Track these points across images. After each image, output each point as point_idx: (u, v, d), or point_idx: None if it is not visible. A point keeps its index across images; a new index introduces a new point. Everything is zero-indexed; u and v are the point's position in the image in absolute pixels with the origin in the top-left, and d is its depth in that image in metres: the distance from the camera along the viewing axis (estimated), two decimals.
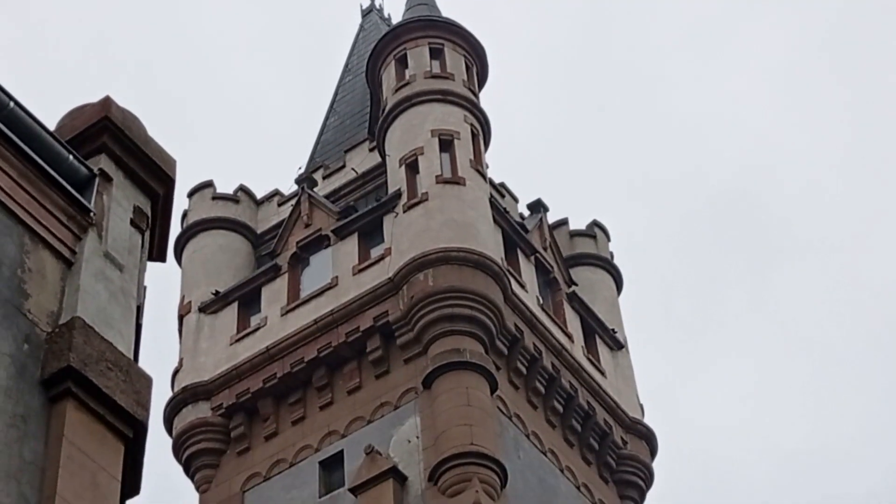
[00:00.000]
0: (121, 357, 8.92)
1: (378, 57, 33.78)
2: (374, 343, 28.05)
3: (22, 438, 8.13)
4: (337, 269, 30.11)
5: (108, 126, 9.89)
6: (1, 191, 8.92)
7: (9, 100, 9.13)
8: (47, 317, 8.83)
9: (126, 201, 9.91)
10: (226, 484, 28.52)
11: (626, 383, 32.44)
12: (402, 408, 26.95)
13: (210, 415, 29.36)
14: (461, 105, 31.99)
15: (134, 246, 9.85)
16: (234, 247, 33.16)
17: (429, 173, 30.17)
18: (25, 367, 8.45)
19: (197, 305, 31.50)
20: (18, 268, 8.81)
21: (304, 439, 27.94)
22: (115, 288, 9.39)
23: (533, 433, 28.25)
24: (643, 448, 31.32)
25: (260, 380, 29.03)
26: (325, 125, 38.73)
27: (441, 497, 24.87)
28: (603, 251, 35.55)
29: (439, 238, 28.53)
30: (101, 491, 8.32)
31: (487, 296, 27.78)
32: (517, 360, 28.60)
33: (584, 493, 29.04)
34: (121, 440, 8.73)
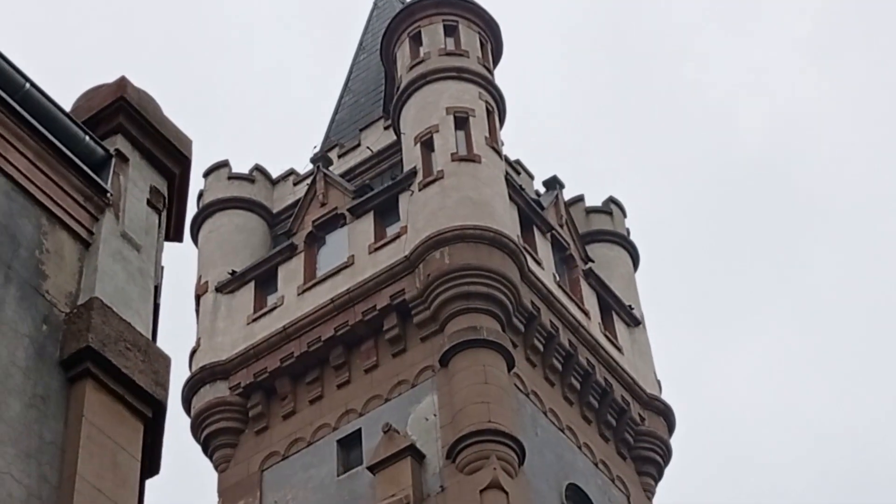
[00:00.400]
0: (139, 337, 8.94)
1: (392, 35, 33.72)
2: (390, 321, 28.07)
3: (41, 419, 8.16)
4: (353, 247, 30.12)
5: (123, 106, 9.90)
6: (18, 172, 8.94)
7: (24, 81, 9.14)
8: (65, 297, 8.85)
9: (142, 181, 9.92)
10: (244, 463, 28.62)
11: (644, 360, 32.42)
12: (420, 386, 26.99)
13: (228, 394, 29.43)
14: (476, 82, 31.93)
15: (151, 226, 9.86)
16: (251, 226, 33.19)
17: (444, 151, 30.14)
18: (44, 348, 8.48)
19: (214, 285, 31.55)
20: (36, 249, 8.84)
21: (321, 418, 28.00)
22: (133, 268, 9.41)
23: (550, 410, 28.26)
24: (661, 424, 31.32)
25: (277, 359, 29.09)
26: (340, 104, 38.70)
27: (459, 475, 24.91)
28: (619, 227, 35.50)
29: (455, 216, 28.52)
30: (120, 471, 8.35)
31: (504, 273, 27.78)
32: (534, 338, 28.60)
33: (601, 469, 29.06)
34: (140, 420, 8.76)
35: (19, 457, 7.86)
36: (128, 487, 8.36)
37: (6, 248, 8.60)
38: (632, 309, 33.19)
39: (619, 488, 29.36)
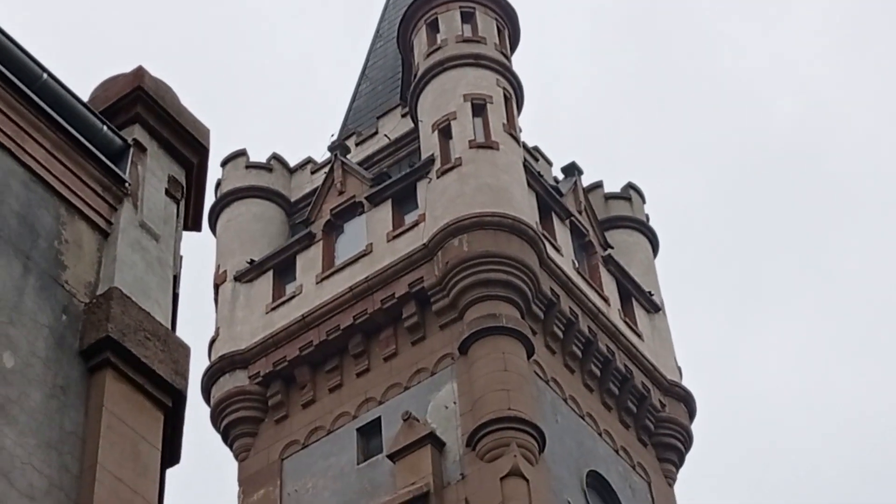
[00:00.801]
0: (158, 327, 8.96)
1: (409, 22, 33.69)
2: (409, 309, 28.09)
3: (62, 409, 8.19)
4: (371, 235, 30.13)
5: (141, 96, 9.91)
6: (36, 163, 8.96)
7: (42, 71, 9.16)
8: (85, 287, 8.87)
9: (160, 171, 9.94)
10: (264, 452, 28.69)
11: (664, 346, 32.38)
12: (439, 374, 27.01)
13: (247, 383, 29.50)
14: (493, 69, 31.89)
15: (169, 216, 9.88)
16: (269, 215, 33.24)
17: (462, 138, 30.12)
18: (64, 338, 8.50)
19: (232, 274, 31.61)
20: (55, 239, 8.86)
21: (341, 406, 28.04)
22: (152, 258, 9.43)
23: (570, 397, 28.26)
24: (681, 410, 31.29)
25: (296, 348, 29.14)
26: (357, 92, 38.68)
27: (479, 462, 24.93)
28: (638, 213, 35.44)
29: (473, 203, 28.51)
30: (141, 460, 8.38)
31: (523, 260, 27.77)
32: (553, 325, 28.59)
33: (622, 456, 29.06)
34: (160, 409, 8.78)
35: (40, 447, 7.89)
36: (148, 477, 8.39)
37: (25, 238, 8.62)
38: (651, 295, 33.15)
39: (640, 475, 29.36)
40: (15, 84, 8.97)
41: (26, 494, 7.65)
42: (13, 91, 8.96)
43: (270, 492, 27.86)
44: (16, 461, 7.70)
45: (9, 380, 7.94)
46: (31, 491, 7.68)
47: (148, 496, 8.30)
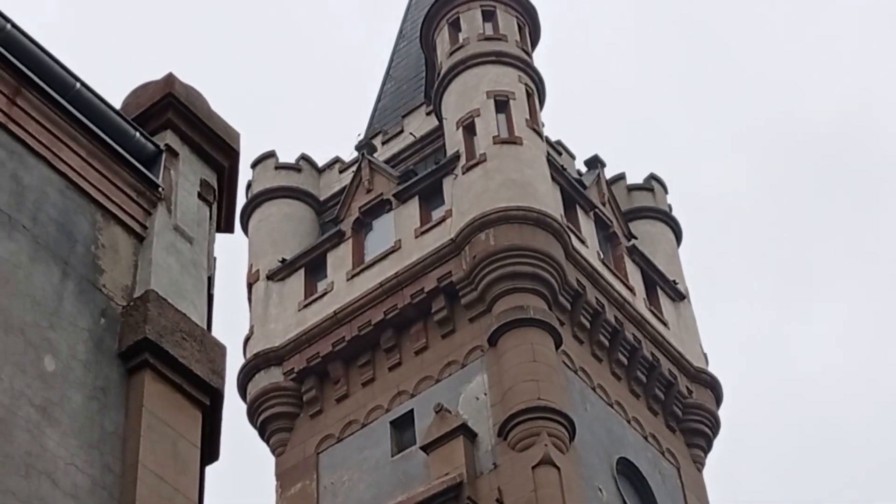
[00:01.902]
0: (195, 327, 8.99)
1: (431, 21, 33.68)
2: (438, 303, 28.10)
3: (103, 410, 8.23)
4: (399, 232, 30.16)
5: (172, 102, 9.93)
6: (72, 170, 9.00)
7: (75, 81, 9.19)
8: (122, 291, 8.91)
9: (193, 175, 9.96)
10: (300, 446, 28.75)
11: (689, 333, 32.31)
12: (469, 366, 27.02)
13: (282, 379, 29.57)
14: (515, 66, 31.87)
15: (202, 218, 9.90)
16: (299, 215, 33.30)
17: (486, 134, 30.12)
18: (103, 341, 8.54)
19: (265, 273, 31.68)
20: (92, 244, 8.90)
21: (374, 400, 28.08)
22: (186, 260, 9.46)
23: (599, 386, 28.23)
24: (708, 396, 31.22)
25: (329, 343, 29.19)
26: (382, 91, 38.70)
27: (511, 452, 24.94)
28: (661, 204, 35.35)
29: (499, 198, 28.50)
30: (181, 458, 8.41)
31: (548, 252, 27.75)
32: (580, 315, 28.56)
33: (651, 442, 29.02)
34: (198, 408, 8.81)
35: (83, 447, 7.93)
36: (189, 474, 8.42)
37: (63, 244, 8.66)
38: (676, 284, 33.07)
39: (670, 461, 29.32)
40: (49, 94, 9.01)
41: (70, 494, 7.69)
42: (47, 101, 9.00)
43: (307, 485, 27.92)
44: (59, 462, 7.74)
45: (50, 383, 7.99)
46: (74, 490, 7.72)
47: (188, 493, 8.33)
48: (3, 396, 7.66)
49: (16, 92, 8.83)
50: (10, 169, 8.57)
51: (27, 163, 8.72)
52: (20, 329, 8.00)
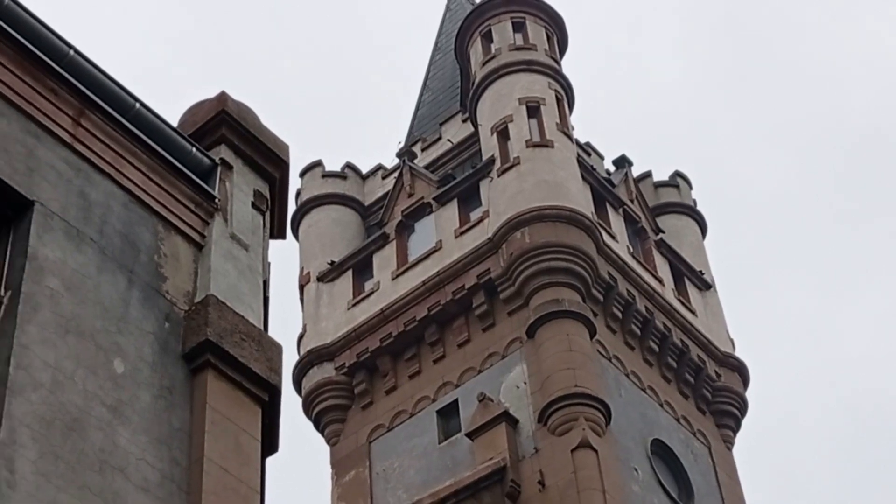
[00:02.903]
0: (252, 328, 9.02)
1: (465, 34, 33.69)
2: (479, 299, 28.10)
3: (169, 408, 8.28)
4: (440, 233, 30.18)
5: (225, 119, 9.98)
6: (134, 185, 9.05)
7: (134, 101, 9.25)
8: (184, 296, 8.95)
9: (246, 186, 10.00)
10: (353, 436, 28.82)
11: (716, 320, 32.18)
12: (509, 357, 27.00)
13: (334, 374, 29.65)
14: (545, 73, 31.82)
15: (256, 226, 9.94)
16: (346, 219, 33.37)
17: (519, 138, 30.09)
18: (167, 344, 8.58)
19: (315, 275, 31.77)
20: (155, 254, 8.95)
21: (421, 391, 28.11)
22: (243, 266, 9.50)
23: (632, 372, 28.16)
24: (736, 379, 31.08)
25: (377, 339, 29.24)
26: (420, 101, 38.73)
27: (551, 436, 24.91)
28: (686, 199, 35.23)
29: (533, 198, 28.48)
30: (243, 451, 8.45)
31: (581, 248, 27.70)
32: (613, 306, 28.49)
33: (683, 424, 28.91)
34: (257, 404, 8.84)
35: (152, 443, 7.98)
36: (251, 466, 8.46)
37: (128, 254, 8.72)
38: (702, 274, 32.95)
39: (701, 441, 29.20)
40: (111, 114, 9.07)
41: (141, 487, 7.74)
42: (110, 121, 9.07)
43: (360, 472, 27.99)
44: (130, 457, 7.79)
45: (120, 384, 8.04)
46: (145, 484, 7.77)
47: (251, 483, 8.37)
48: (77, 398, 7.72)
49: (80, 113, 8.89)
50: (77, 186, 8.64)
51: (93, 179, 8.79)
52: (91, 334, 8.05)
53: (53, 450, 7.37)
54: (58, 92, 8.79)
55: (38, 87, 8.68)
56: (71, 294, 8.08)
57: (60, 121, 8.74)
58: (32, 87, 8.65)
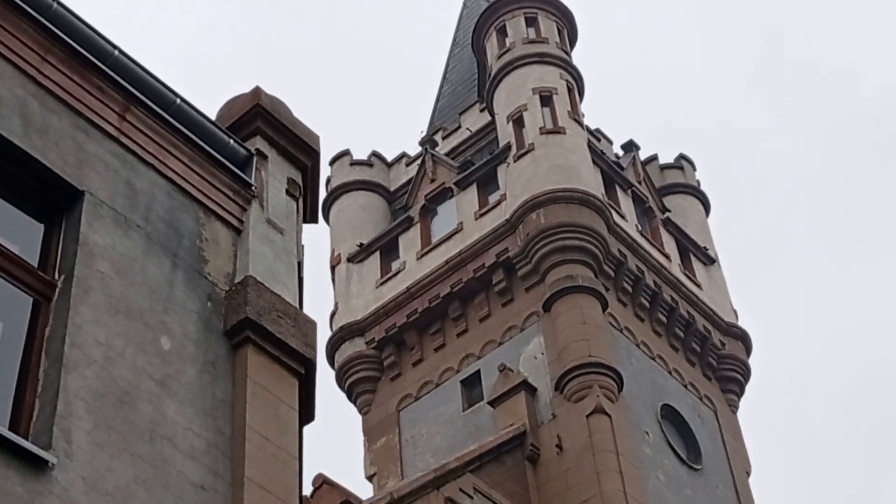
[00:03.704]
0: (288, 307, 9.02)
1: (481, 29, 33.61)
2: (498, 276, 28.10)
3: (213, 381, 8.29)
4: (461, 215, 30.17)
5: (260, 112, 9.96)
6: (176, 175, 9.06)
7: (175, 97, 9.24)
8: (224, 277, 8.96)
9: (280, 174, 10.00)
10: (383, 406, 28.89)
11: (720, 293, 32.10)
12: (527, 330, 27.01)
13: (365, 348, 29.71)
14: (556, 64, 31.73)
15: (290, 212, 9.94)
16: (373, 204, 33.38)
17: (533, 126, 30.03)
18: (210, 322, 8.59)
19: (345, 257, 31.81)
20: (197, 238, 8.96)
21: (445, 363, 28.15)
22: (278, 249, 9.50)
23: (642, 342, 28.14)
24: (739, 347, 31.02)
25: (404, 315, 29.28)
26: (441, 93, 38.66)
27: (567, 403, 24.92)
28: (690, 180, 35.12)
29: (547, 181, 28.44)
30: (282, 420, 8.47)
31: (593, 227, 27.66)
32: (623, 281, 28.46)
33: (690, 390, 28.89)
34: (294, 376, 8.84)
35: (198, 414, 8.00)
36: (289, 434, 8.47)
37: (172, 239, 8.74)
38: (706, 250, 32.86)
39: (707, 405, 29.18)
40: (154, 110, 9.08)
41: (189, 455, 7.77)
42: (153, 116, 9.08)
43: (391, 439, 28.07)
44: (178, 427, 7.82)
45: (167, 360, 8.07)
46: (192, 452, 7.81)
47: (290, 450, 8.39)
48: (128, 373, 7.75)
49: (125, 109, 8.90)
50: (123, 176, 8.66)
51: (138, 170, 8.80)
52: (139, 314, 8.08)
53: (106, 421, 7.40)
54: (104, 89, 8.80)
55: (85, 86, 8.69)
56: (120, 277, 8.11)
57: (107, 116, 8.75)
58: (81, 86, 8.66)
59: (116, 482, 7.22)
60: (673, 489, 25.72)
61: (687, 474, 26.52)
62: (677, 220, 32.63)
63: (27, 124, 8.11)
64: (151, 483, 7.41)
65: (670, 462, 26.26)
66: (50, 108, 8.36)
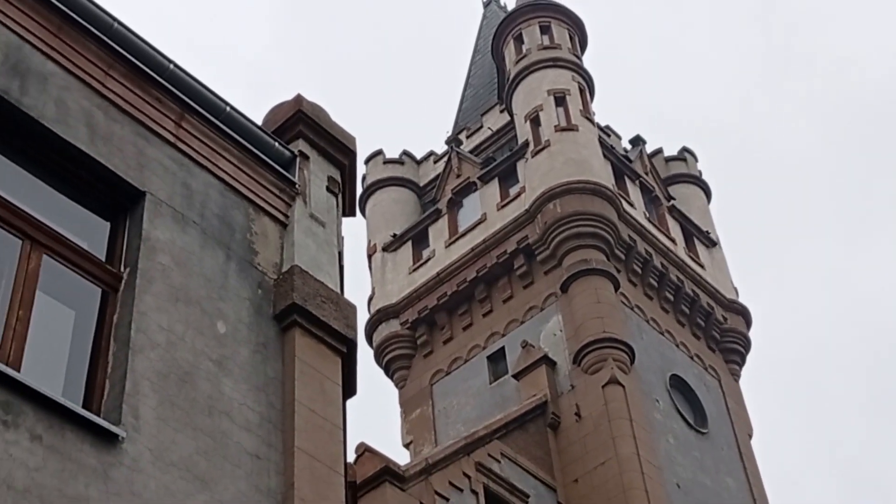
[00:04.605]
0: (331, 292, 9.04)
1: (500, 37, 33.53)
2: (519, 261, 28.08)
3: (265, 361, 8.33)
4: (484, 207, 30.14)
5: (301, 117, 9.97)
6: (228, 175, 9.09)
7: (225, 105, 9.28)
8: (273, 267, 8.99)
9: (321, 173, 10.01)
10: (417, 380, 28.94)
11: (722, 272, 31.97)
12: (547, 309, 26.98)
13: (400, 329, 29.74)
14: (569, 67, 31.63)
15: (331, 207, 9.95)
16: (404, 199, 33.39)
17: (548, 124, 29.96)
18: (261, 307, 8.62)
19: (381, 246, 31.85)
20: (247, 232, 8.99)
21: (473, 340, 28.16)
22: (321, 240, 9.52)
23: (651, 319, 28.06)
24: (740, 322, 30.89)
25: (435, 298, 29.30)
26: (464, 96, 38.61)
27: (584, 375, 24.90)
28: (692, 170, 34.96)
29: (562, 174, 28.38)
30: (327, 395, 8.49)
31: (604, 215, 27.59)
32: (633, 263, 28.38)
33: (696, 361, 28.81)
34: (337, 355, 8.85)
35: (251, 391, 8.04)
36: (334, 407, 8.50)
37: (225, 234, 8.77)
38: (708, 233, 32.72)
39: (712, 374, 29.09)
40: (207, 117, 9.11)
41: (244, 427, 7.81)
42: (206, 123, 9.11)
43: (425, 410, 28.11)
44: (234, 403, 7.86)
45: (223, 342, 8.11)
46: (247, 424, 7.85)
47: (335, 421, 8.41)
48: (189, 355, 7.79)
49: (181, 117, 8.94)
50: (180, 178, 8.70)
51: (193, 172, 8.84)
52: (197, 301, 8.12)
53: (170, 398, 7.45)
54: (162, 100, 8.84)
55: (145, 97, 8.73)
56: (179, 268, 8.15)
57: (165, 124, 8.79)
58: (140, 97, 8.70)
59: (180, 453, 7.27)
60: (682, 451, 25.67)
61: (694, 437, 26.47)
62: (681, 207, 32.50)
63: (93, 133, 8.16)
64: (211, 453, 7.46)
65: (679, 427, 26.20)
66: (113, 117, 8.41)
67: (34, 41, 8.12)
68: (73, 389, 7.25)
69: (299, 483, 7.75)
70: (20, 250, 7.43)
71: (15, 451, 6.44)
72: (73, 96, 8.18)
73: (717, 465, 26.63)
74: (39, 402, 6.70)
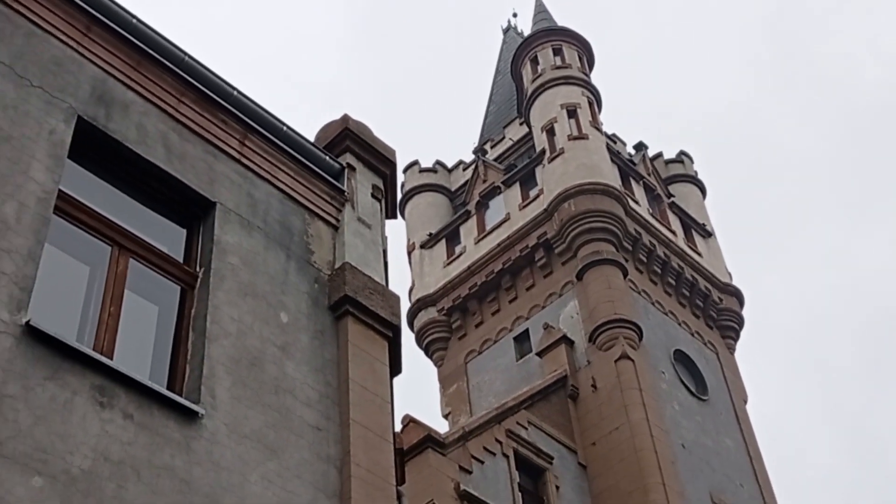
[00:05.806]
0: (377, 285, 9.05)
1: (518, 59, 33.47)
2: (539, 254, 28.03)
3: (322, 345, 8.35)
4: (508, 207, 30.11)
5: (348, 134, 9.99)
6: (286, 186, 9.12)
7: (282, 125, 9.32)
8: (327, 265, 9.01)
9: (366, 182, 10.03)
10: (453, 360, 28.95)
11: (717, 259, 31.77)
12: (564, 295, 26.92)
13: (437, 315, 29.76)
14: (579, 84, 31.53)
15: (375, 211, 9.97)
16: (438, 202, 33.41)
17: (562, 134, 29.88)
18: (318, 300, 8.65)
19: (419, 244, 31.88)
20: (304, 235, 9.02)
21: (501, 324, 28.14)
22: (368, 240, 9.54)
23: (656, 301, 27.94)
24: (734, 302, 30.69)
25: (467, 288, 29.30)
26: (488, 111, 38.57)
27: (599, 352, 24.82)
28: (689, 171, 34.76)
29: (575, 177, 28.30)
30: (377, 374, 8.51)
31: (613, 212, 27.49)
32: (639, 253, 28.26)
33: (697, 337, 28.65)
34: (384, 339, 8.85)
35: (311, 372, 8.07)
36: (383, 384, 8.51)
37: (286, 236, 8.81)
38: (704, 226, 32.53)
39: (710, 349, 28.92)
40: (266, 136, 9.15)
41: (305, 403, 7.84)
42: (266, 141, 9.15)
43: (460, 385, 28.13)
44: (296, 382, 7.89)
45: (286, 330, 8.14)
46: (308, 401, 7.88)
47: (384, 397, 8.43)
48: (257, 342, 7.83)
49: (244, 136, 8.98)
50: (245, 189, 8.73)
51: (256, 183, 8.88)
52: (262, 296, 8.15)
53: (241, 380, 7.49)
54: (227, 122, 8.88)
55: (213, 119, 8.77)
56: (246, 267, 8.19)
57: (230, 143, 8.83)
58: (209, 119, 8.75)
59: (251, 427, 7.31)
60: (686, 417, 25.55)
61: (696, 404, 26.33)
62: (680, 204, 32.32)
63: (169, 152, 8.21)
64: (279, 426, 7.49)
65: (683, 395, 26.08)
66: (186, 138, 8.46)
67: (117, 74, 8.19)
68: (158, 374, 7.29)
69: (354, 450, 7.78)
70: (110, 255, 7.49)
71: (110, 428, 6.50)
72: (151, 121, 8.24)
73: (717, 427, 26.48)
74: (130, 386, 6.75)
